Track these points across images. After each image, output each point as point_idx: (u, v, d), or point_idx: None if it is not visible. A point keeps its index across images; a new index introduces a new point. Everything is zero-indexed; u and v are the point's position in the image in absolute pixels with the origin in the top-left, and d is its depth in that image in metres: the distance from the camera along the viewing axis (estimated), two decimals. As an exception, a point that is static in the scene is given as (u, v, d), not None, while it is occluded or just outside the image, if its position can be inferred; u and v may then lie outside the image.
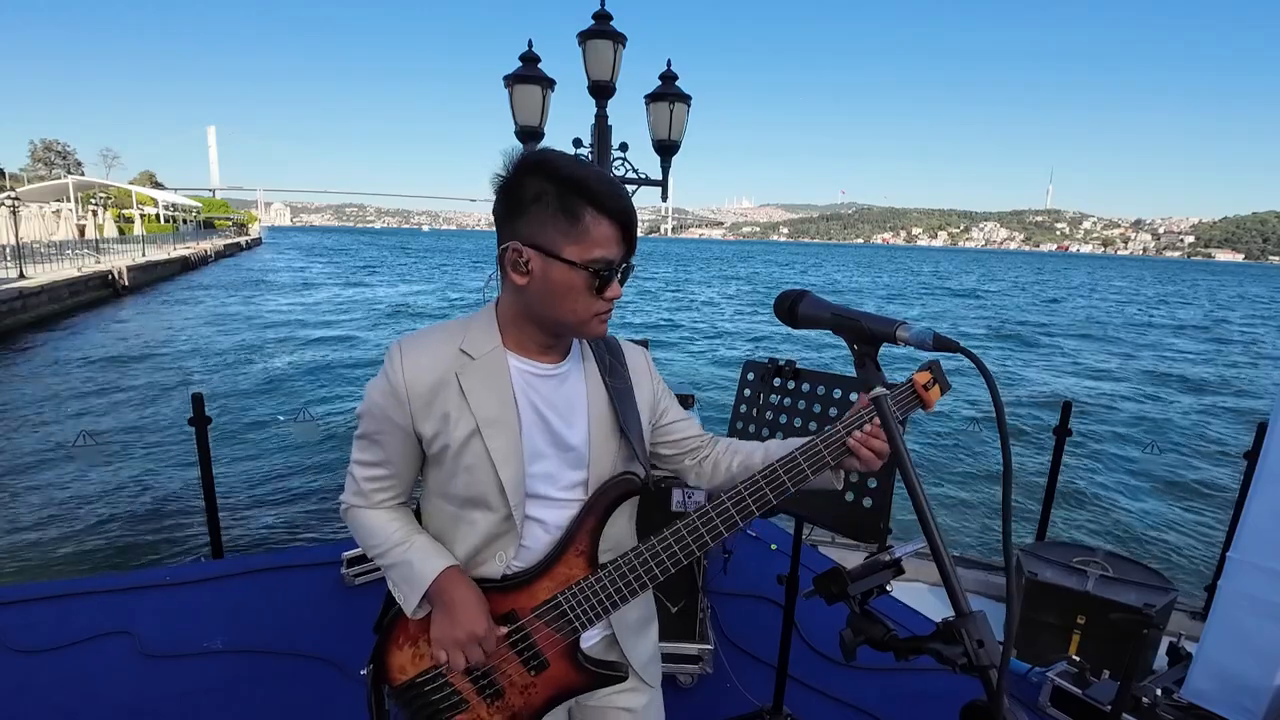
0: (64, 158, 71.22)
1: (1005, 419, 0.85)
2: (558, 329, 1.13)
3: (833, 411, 1.99)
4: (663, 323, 26.19)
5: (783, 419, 2.10)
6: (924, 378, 1.15)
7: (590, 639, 1.25)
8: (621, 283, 1.09)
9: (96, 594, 3.13)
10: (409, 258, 72.81)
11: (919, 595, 3.61)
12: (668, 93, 4.27)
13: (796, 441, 1.15)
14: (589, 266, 1.03)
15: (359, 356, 16.88)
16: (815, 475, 1.12)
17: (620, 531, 1.24)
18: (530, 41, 4.26)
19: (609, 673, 1.22)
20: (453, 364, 1.11)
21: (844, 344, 1.02)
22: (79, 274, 23.12)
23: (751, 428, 2.18)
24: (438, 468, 1.16)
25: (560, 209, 1.02)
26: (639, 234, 1.11)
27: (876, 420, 1.10)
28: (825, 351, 18.55)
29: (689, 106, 4.36)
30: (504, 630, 1.16)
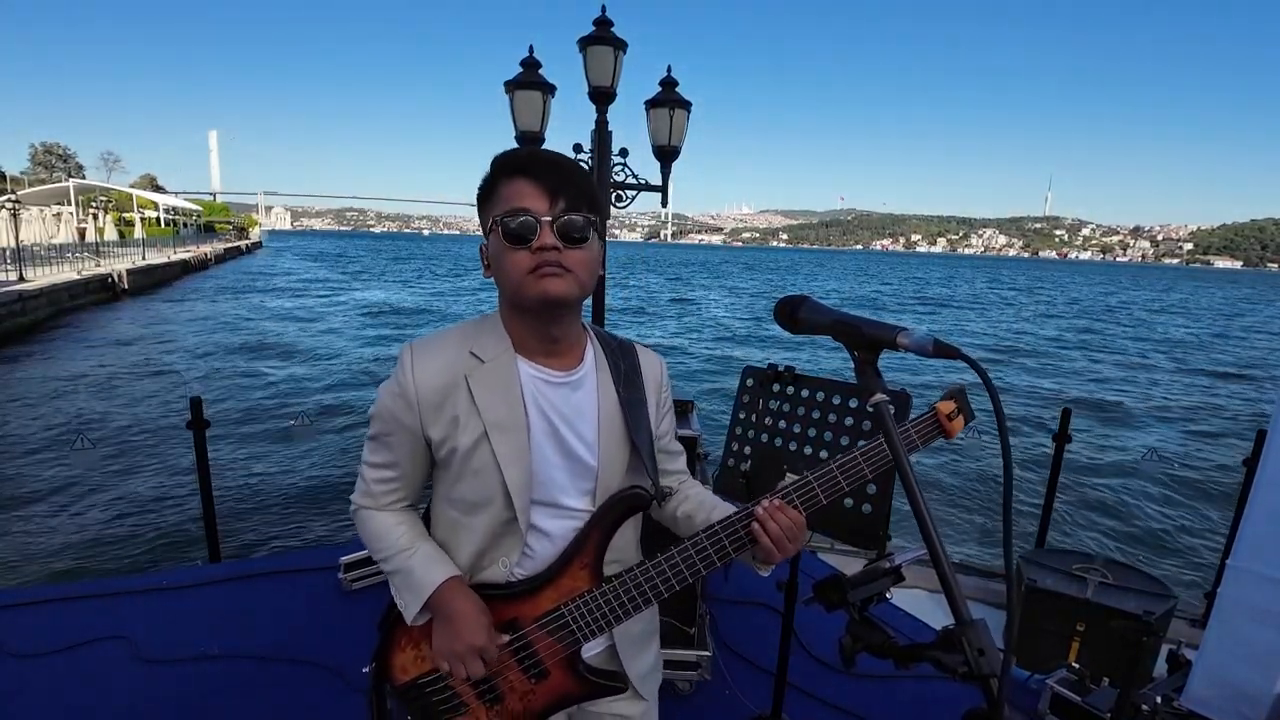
0: (65, 161, 71.28)
1: (1006, 426, 0.84)
2: (519, 307, 1.10)
3: (831, 418, 1.99)
4: (664, 323, 26.21)
5: (781, 425, 2.10)
6: (948, 407, 1.10)
7: (593, 649, 1.24)
8: (580, 238, 1.05)
9: (93, 598, 3.11)
10: (409, 263, 72.83)
11: (919, 602, 3.59)
12: (668, 99, 4.28)
13: (726, 509, 1.19)
14: (497, 219, 1.05)
15: (358, 358, 16.88)
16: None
17: (626, 543, 1.23)
18: (531, 47, 4.28)
19: (609, 683, 1.21)
20: (463, 367, 1.10)
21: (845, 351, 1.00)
22: (79, 277, 23.15)
23: (750, 434, 2.18)
24: (445, 471, 1.15)
25: (487, 191, 1.08)
26: (639, 239, 1.09)
27: (776, 500, 1.09)
28: (806, 346, 18.55)
29: (689, 112, 4.37)
30: (505, 639, 1.15)
